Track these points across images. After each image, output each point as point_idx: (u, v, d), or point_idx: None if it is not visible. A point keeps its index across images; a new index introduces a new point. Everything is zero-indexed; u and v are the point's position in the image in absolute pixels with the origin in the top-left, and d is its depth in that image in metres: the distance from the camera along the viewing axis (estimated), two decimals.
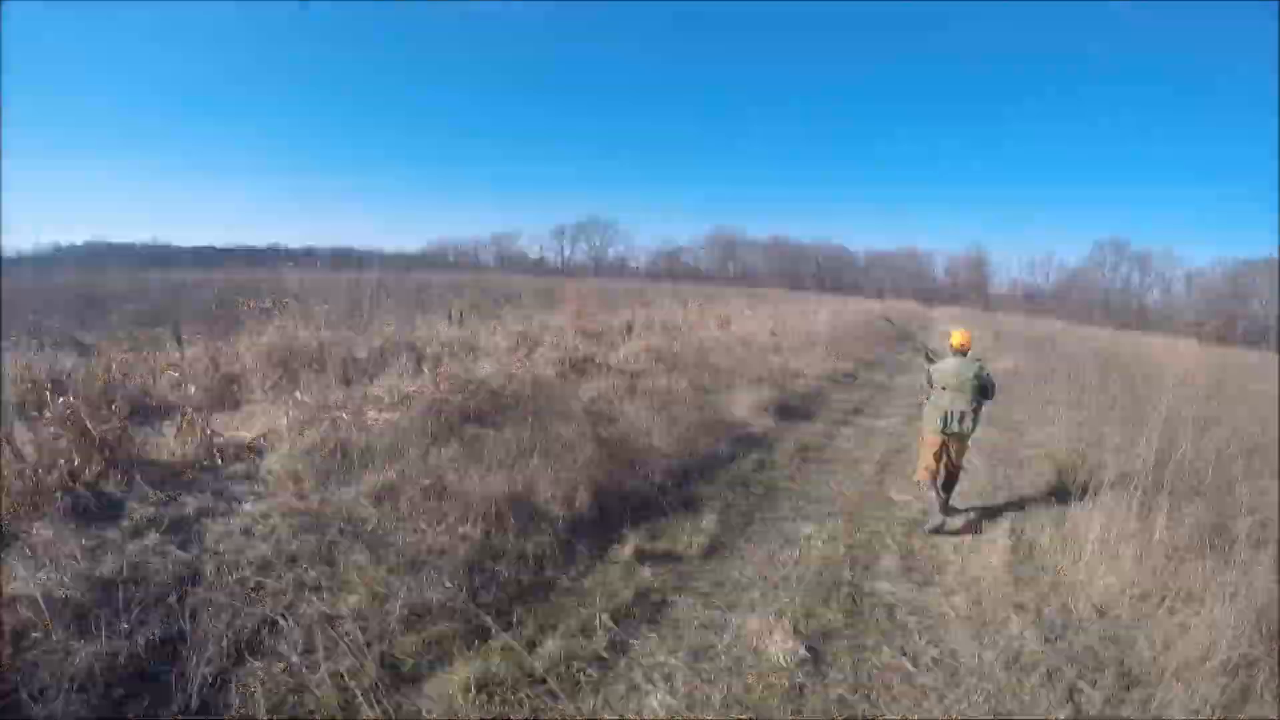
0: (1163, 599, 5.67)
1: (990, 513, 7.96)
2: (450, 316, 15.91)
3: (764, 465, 9.42)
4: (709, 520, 7.27)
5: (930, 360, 7.78)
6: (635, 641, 4.99)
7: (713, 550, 6.65)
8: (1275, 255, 72.46)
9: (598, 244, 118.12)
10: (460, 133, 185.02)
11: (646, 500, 7.51)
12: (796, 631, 5.15)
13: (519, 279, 51.13)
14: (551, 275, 76.61)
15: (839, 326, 24.48)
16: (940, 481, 7.61)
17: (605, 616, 5.18)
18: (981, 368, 7.41)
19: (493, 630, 4.82)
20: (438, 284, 29.56)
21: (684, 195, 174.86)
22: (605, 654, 4.80)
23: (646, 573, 6.03)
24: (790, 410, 12.56)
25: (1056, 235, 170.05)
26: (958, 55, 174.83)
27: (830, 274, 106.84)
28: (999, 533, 7.23)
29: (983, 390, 7.37)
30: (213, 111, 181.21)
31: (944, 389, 7.32)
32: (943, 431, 7.33)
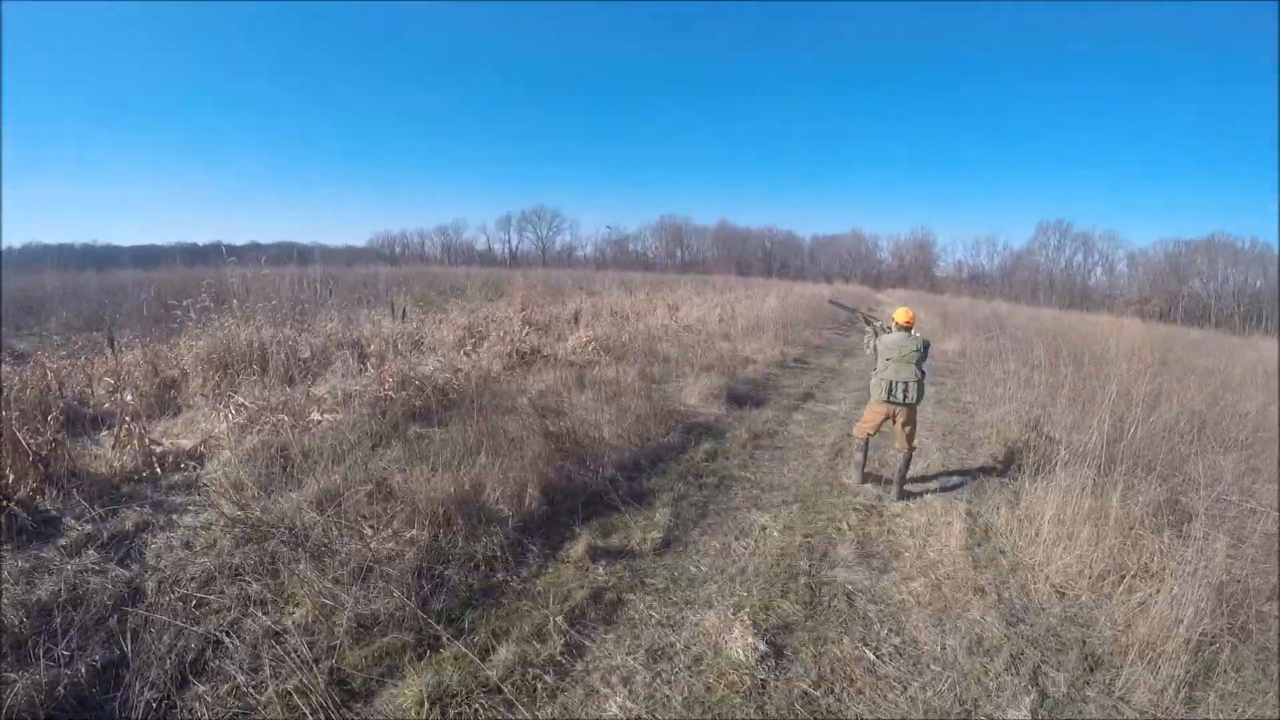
0: (1121, 577, 5.84)
1: (945, 495, 8.05)
2: (394, 311, 15.77)
3: (716, 454, 9.41)
4: (662, 514, 7.27)
5: (876, 334, 8.16)
6: (591, 644, 4.98)
7: (667, 545, 6.64)
8: (1212, 236, 76.20)
9: (544, 233, 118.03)
10: (405, 124, 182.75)
11: (597, 495, 7.50)
12: (756, 626, 5.16)
13: (465, 270, 50.52)
14: (498, 266, 76.05)
15: (787, 311, 24.67)
16: (899, 466, 7.96)
17: (559, 619, 5.17)
18: (923, 341, 7.79)
19: (444, 639, 4.80)
20: (383, 278, 29.14)
21: (631, 183, 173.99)
22: (561, 658, 4.78)
23: (600, 571, 6.04)
24: (741, 397, 12.60)
25: (1001, 217, 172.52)
26: (899, 39, 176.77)
27: (778, 259, 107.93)
28: (954, 516, 7.27)
29: (923, 356, 7.73)
30: (152, 108, 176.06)
31: (889, 361, 7.69)
32: (888, 401, 7.72)
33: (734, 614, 5.32)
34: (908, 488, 8.10)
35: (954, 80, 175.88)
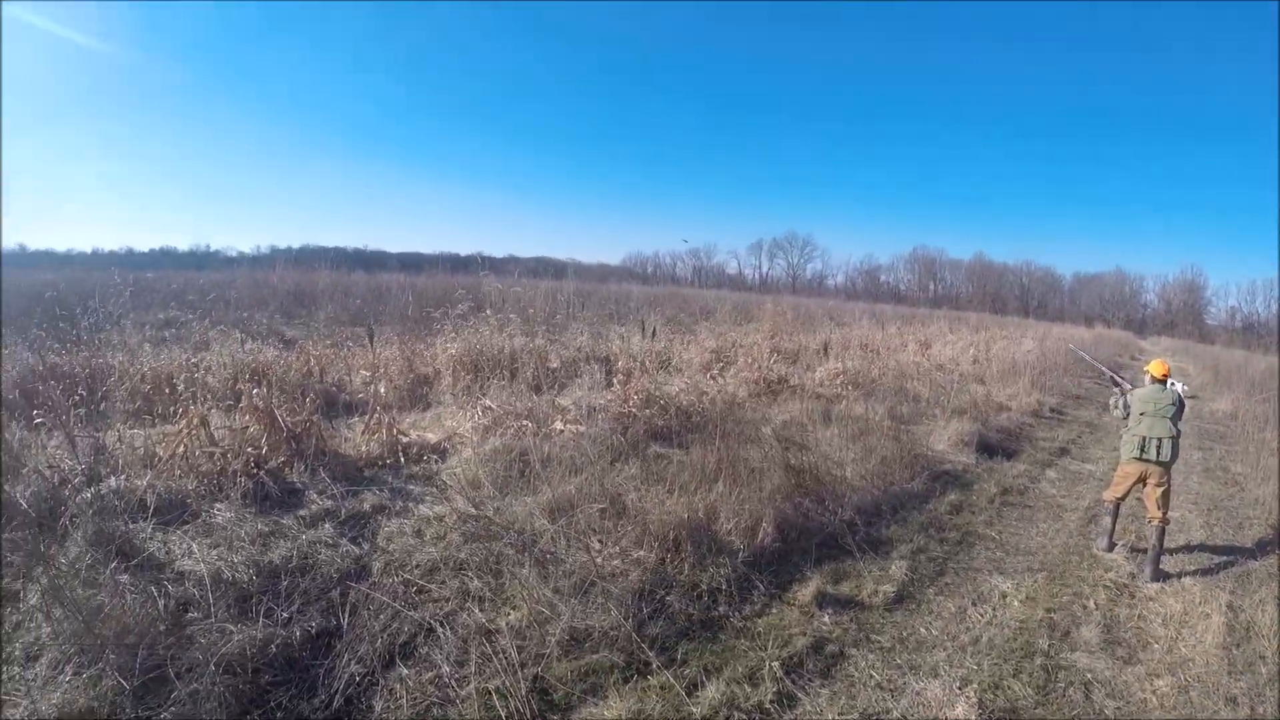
0: None
1: (1205, 580, 7.15)
2: (644, 330, 16.06)
3: (961, 507, 8.84)
4: (898, 566, 6.85)
5: (1124, 392, 7.79)
6: (805, 696, 4.68)
7: (899, 600, 6.22)
8: None
9: (795, 260, 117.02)
10: (663, 146, 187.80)
11: (833, 537, 7.15)
12: (981, 705, 4.70)
13: (715, 293, 51.25)
14: (748, 291, 76.47)
15: (1045, 356, 22.93)
16: (1153, 540, 7.24)
17: (776, 665, 4.90)
18: (1177, 395, 7.43)
19: (654, 666, 4.66)
20: (635, 296, 30.06)
21: (884, 212, 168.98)
22: (770, 707, 4.51)
23: (825, 619, 5.71)
24: (992, 447, 11.84)
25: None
26: (1169, 68, 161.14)
27: (1035, 297, 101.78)
28: (1214, 608, 6.44)
29: (1178, 412, 7.33)
30: (425, 123, 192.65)
31: (1142, 415, 7.32)
32: (1140, 458, 7.29)
33: (960, 688, 4.88)
34: (1164, 566, 7.31)
35: (1235, 108, 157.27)
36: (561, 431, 8.49)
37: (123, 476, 6.10)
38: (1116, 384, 8.13)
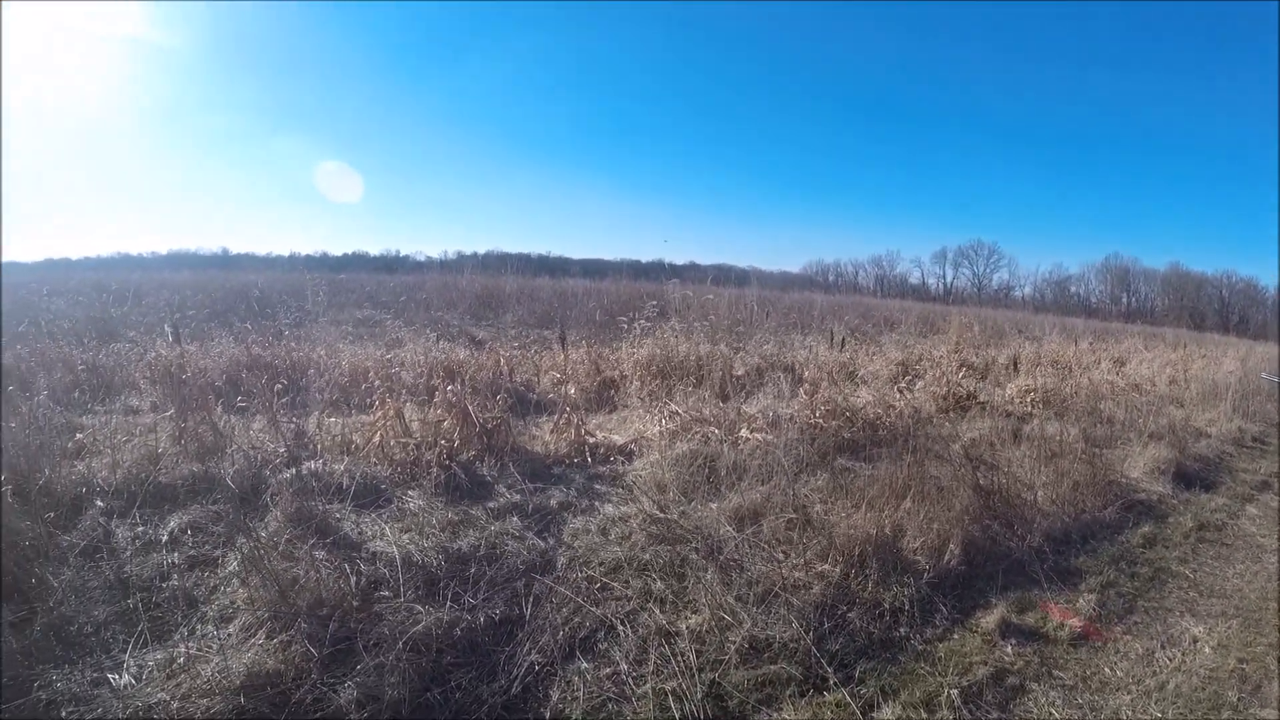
0: None
1: None
2: (831, 340, 15.80)
3: (1154, 541, 8.14)
4: (1086, 599, 6.34)
5: None
6: None
7: (1084, 636, 5.78)
8: None
9: (981, 270, 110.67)
10: (844, 155, 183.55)
11: (1019, 564, 6.75)
12: None
13: (899, 303, 49.88)
14: (932, 301, 73.70)
15: (1247, 377, 20.90)
16: None
17: (954, 692, 4.65)
18: None
19: (831, 683, 4.53)
20: (818, 305, 29.64)
21: (1074, 218, 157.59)
22: None
23: (1008, 650, 5.37)
24: (1188, 476, 10.81)
25: None
26: None
27: (1235, 311, 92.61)
28: None
29: None
30: (608, 131, 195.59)
31: None
32: None
33: None
34: None
35: None
36: (747, 440, 8.42)
37: (321, 460, 6.56)
38: None
